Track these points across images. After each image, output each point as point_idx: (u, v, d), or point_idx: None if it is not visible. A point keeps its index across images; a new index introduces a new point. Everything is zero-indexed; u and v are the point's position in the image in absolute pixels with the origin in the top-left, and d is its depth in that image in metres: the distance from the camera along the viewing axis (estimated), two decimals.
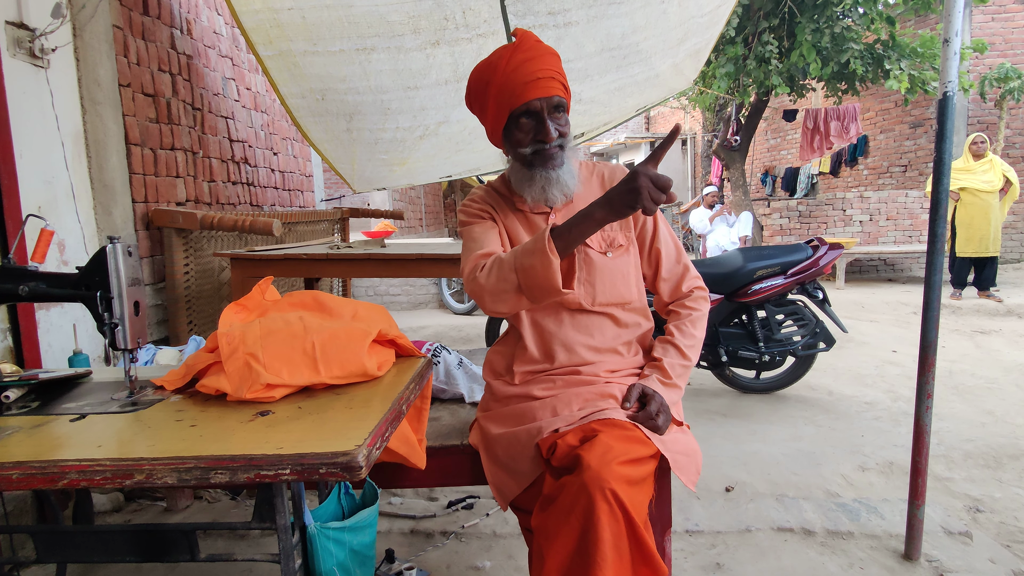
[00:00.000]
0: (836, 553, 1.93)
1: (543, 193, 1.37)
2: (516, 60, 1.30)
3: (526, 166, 1.38)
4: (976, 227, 6.02)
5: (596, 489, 1.10)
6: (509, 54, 1.32)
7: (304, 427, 1.02)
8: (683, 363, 1.43)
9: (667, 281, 1.51)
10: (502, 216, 1.44)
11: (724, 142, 8.83)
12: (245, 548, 1.98)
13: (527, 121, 1.33)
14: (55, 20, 2.22)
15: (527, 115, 1.32)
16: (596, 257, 1.42)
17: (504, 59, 1.32)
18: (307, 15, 2.71)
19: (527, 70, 1.29)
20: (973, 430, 2.95)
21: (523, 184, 1.39)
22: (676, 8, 3.09)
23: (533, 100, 1.30)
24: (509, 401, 1.44)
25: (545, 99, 1.30)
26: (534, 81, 1.29)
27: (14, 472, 0.90)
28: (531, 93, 1.29)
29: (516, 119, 1.33)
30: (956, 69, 1.71)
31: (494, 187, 1.50)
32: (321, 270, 2.66)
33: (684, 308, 1.50)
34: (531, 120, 1.33)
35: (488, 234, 1.39)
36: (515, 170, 1.41)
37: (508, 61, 1.31)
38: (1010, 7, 9.00)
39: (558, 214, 1.42)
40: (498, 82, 1.31)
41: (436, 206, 13.60)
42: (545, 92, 1.30)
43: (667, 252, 1.50)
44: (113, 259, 1.20)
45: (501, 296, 1.25)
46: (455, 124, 3.69)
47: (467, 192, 16.01)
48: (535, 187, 1.37)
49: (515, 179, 1.42)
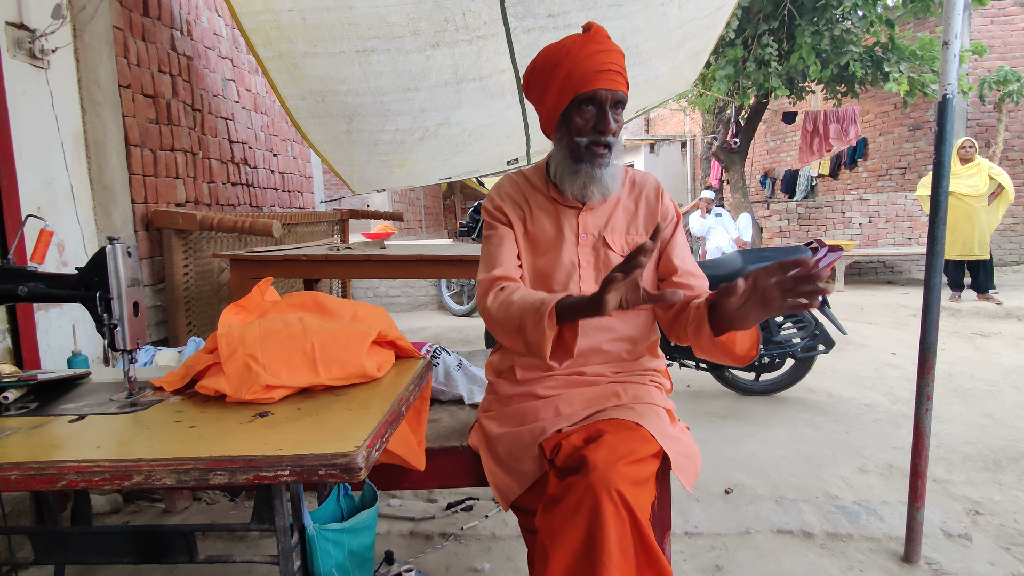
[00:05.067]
0: (836, 555, 1.93)
1: (583, 189, 1.38)
2: (590, 49, 1.31)
3: (573, 158, 1.38)
4: (960, 230, 6.04)
5: (602, 490, 1.10)
6: (583, 42, 1.32)
7: (303, 428, 1.02)
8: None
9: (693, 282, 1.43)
10: (526, 210, 1.44)
11: (724, 144, 8.84)
12: (244, 549, 1.98)
13: (590, 108, 1.33)
14: (55, 21, 2.22)
15: (591, 102, 1.32)
16: (616, 261, 1.42)
17: (578, 45, 1.32)
18: (307, 16, 2.71)
19: (599, 60, 1.30)
20: (972, 432, 2.95)
21: (565, 176, 1.39)
22: (676, 10, 3.10)
23: (600, 89, 1.30)
24: (511, 400, 1.44)
25: (611, 92, 1.31)
26: (605, 71, 1.30)
27: (12, 473, 0.90)
28: (600, 82, 1.30)
29: (579, 104, 1.33)
30: (955, 72, 1.72)
31: (527, 176, 1.50)
32: (321, 271, 2.66)
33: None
34: (593, 108, 1.33)
35: (503, 247, 1.41)
36: (560, 160, 1.41)
37: (582, 48, 1.31)
38: (1009, 10, 9.01)
39: (590, 212, 1.43)
40: (568, 65, 1.31)
41: (436, 208, 13.60)
42: (613, 84, 1.31)
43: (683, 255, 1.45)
44: (112, 260, 1.20)
45: (502, 334, 1.29)
46: (455, 126, 3.69)
47: (467, 194, 15.98)
48: (577, 182, 1.38)
49: (558, 169, 1.41)
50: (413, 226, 11.12)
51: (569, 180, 1.39)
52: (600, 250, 1.42)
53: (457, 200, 15.16)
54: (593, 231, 1.43)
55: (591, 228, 1.43)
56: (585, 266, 1.42)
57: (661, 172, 15.81)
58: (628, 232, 1.45)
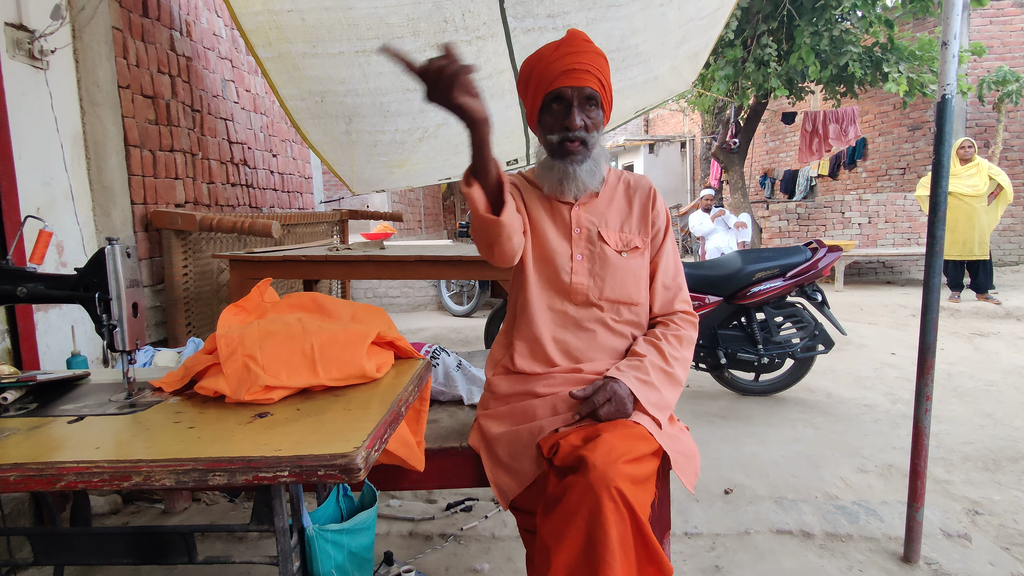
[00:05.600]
0: (835, 555, 1.93)
1: (558, 185, 1.43)
2: (560, 52, 1.38)
3: (551, 155, 1.43)
4: (960, 230, 6.05)
5: (602, 489, 1.10)
6: (556, 46, 1.40)
7: (303, 429, 1.02)
8: (665, 367, 1.38)
9: (658, 293, 1.50)
10: (528, 201, 1.49)
11: (723, 144, 8.84)
12: (243, 550, 1.98)
13: (557, 107, 1.39)
14: (54, 22, 2.22)
15: (558, 101, 1.38)
16: (611, 255, 1.45)
17: (550, 48, 1.40)
18: (306, 17, 2.71)
19: (567, 61, 1.36)
20: (972, 432, 2.95)
21: (543, 172, 1.46)
22: (675, 11, 3.10)
23: (564, 87, 1.36)
24: (509, 399, 1.44)
25: (576, 88, 1.36)
26: (570, 71, 1.35)
27: (12, 474, 0.89)
28: (565, 80, 1.35)
29: (548, 104, 1.39)
30: (954, 72, 1.72)
31: (524, 176, 1.56)
32: (320, 272, 2.66)
33: (672, 324, 1.48)
34: (560, 107, 1.38)
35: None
36: (541, 158, 1.48)
37: (553, 51, 1.39)
38: (1008, 10, 9.02)
39: (583, 207, 1.48)
40: (540, 69, 1.39)
41: (435, 208, 13.61)
42: (578, 82, 1.35)
43: (665, 265, 1.51)
44: (112, 260, 1.20)
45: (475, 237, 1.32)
46: (454, 126, 3.69)
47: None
48: (552, 178, 1.43)
49: (539, 167, 1.48)
50: (413, 227, 11.12)
51: (546, 176, 1.45)
52: (596, 243, 1.45)
53: (457, 201, 15.17)
54: (587, 225, 1.47)
55: (584, 222, 1.47)
56: (579, 258, 1.45)
57: (660, 172, 15.81)
58: (622, 230, 1.48)
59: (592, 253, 1.45)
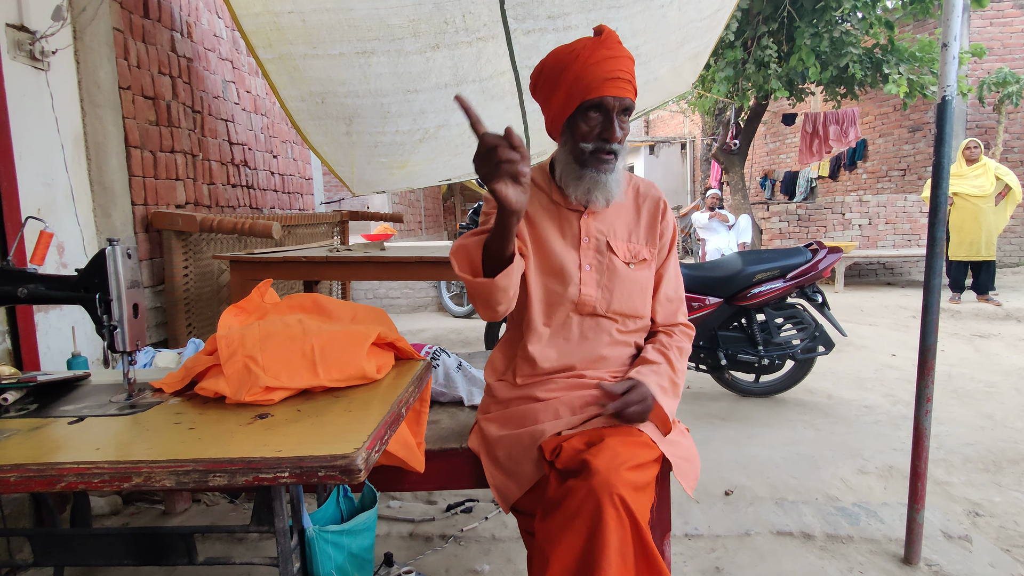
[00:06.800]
0: (835, 557, 1.93)
1: (588, 194, 1.36)
2: (600, 55, 1.29)
3: (578, 163, 1.36)
4: (967, 231, 6.04)
5: (605, 494, 1.10)
6: (594, 46, 1.31)
7: (303, 430, 1.02)
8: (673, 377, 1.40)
9: (662, 305, 1.49)
10: (530, 209, 1.42)
11: (723, 146, 8.85)
12: (243, 551, 1.98)
13: (596, 115, 1.31)
14: (55, 23, 2.22)
15: (597, 109, 1.30)
16: (619, 266, 1.42)
17: (588, 50, 1.30)
18: (307, 18, 2.71)
19: (608, 66, 1.28)
20: (972, 434, 2.95)
21: (570, 180, 1.38)
22: (675, 12, 3.10)
23: (607, 96, 1.28)
24: (510, 403, 1.43)
25: (619, 99, 1.29)
26: (613, 79, 1.28)
27: (12, 475, 0.89)
28: (607, 89, 1.28)
29: (585, 110, 1.31)
30: (955, 73, 1.72)
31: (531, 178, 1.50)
32: (320, 273, 2.66)
33: (674, 334, 1.49)
34: (600, 116, 1.31)
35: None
36: (565, 164, 1.39)
37: (592, 53, 1.29)
38: (1008, 12, 9.03)
39: (592, 216, 1.43)
40: (576, 70, 1.30)
41: (436, 209, 13.62)
42: (621, 92, 1.29)
43: (669, 277, 1.50)
44: (112, 261, 1.20)
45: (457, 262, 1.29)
46: (454, 127, 3.69)
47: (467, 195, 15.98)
48: (581, 186, 1.36)
49: (563, 173, 1.40)
50: (413, 228, 11.13)
51: (573, 185, 1.37)
52: (604, 254, 1.42)
53: (457, 202, 15.18)
54: (596, 235, 1.42)
55: (594, 232, 1.42)
56: (587, 269, 1.41)
57: (661, 174, 15.82)
58: (630, 240, 1.45)
59: (601, 264, 1.41)
